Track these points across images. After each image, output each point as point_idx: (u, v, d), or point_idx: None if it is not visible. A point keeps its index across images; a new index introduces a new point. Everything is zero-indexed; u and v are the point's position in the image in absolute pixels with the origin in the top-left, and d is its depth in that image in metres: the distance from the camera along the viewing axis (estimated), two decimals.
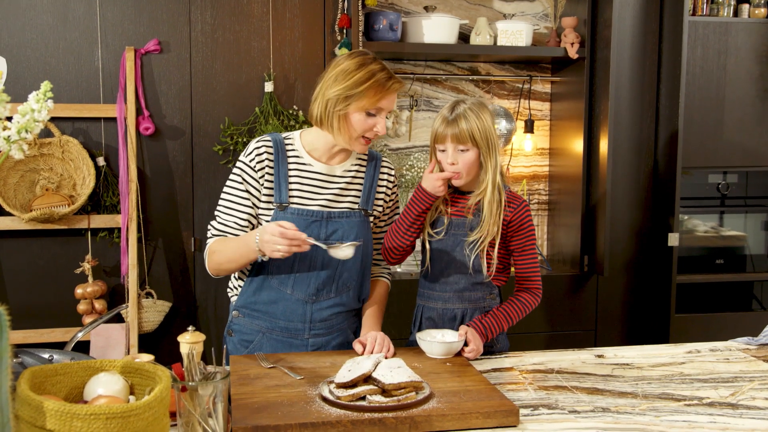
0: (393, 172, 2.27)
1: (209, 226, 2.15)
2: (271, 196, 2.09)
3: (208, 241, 2.14)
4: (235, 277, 2.20)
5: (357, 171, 2.18)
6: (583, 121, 3.54)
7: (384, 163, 2.25)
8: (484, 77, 3.78)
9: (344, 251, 1.98)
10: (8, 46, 3.08)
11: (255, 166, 2.08)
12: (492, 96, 3.82)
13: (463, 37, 3.63)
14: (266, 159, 2.09)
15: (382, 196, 2.23)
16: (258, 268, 2.12)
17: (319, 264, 2.10)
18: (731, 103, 3.61)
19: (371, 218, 2.20)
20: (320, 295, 2.12)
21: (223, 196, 2.13)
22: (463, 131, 2.06)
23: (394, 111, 3.64)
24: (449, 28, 3.45)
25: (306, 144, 2.14)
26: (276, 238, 1.87)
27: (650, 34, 3.60)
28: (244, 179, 2.09)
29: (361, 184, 2.18)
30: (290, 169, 2.11)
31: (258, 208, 2.11)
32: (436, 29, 3.42)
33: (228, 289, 2.23)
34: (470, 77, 3.77)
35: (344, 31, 3.29)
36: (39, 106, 1.42)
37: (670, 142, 3.56)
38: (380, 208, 2.23)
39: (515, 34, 3.51)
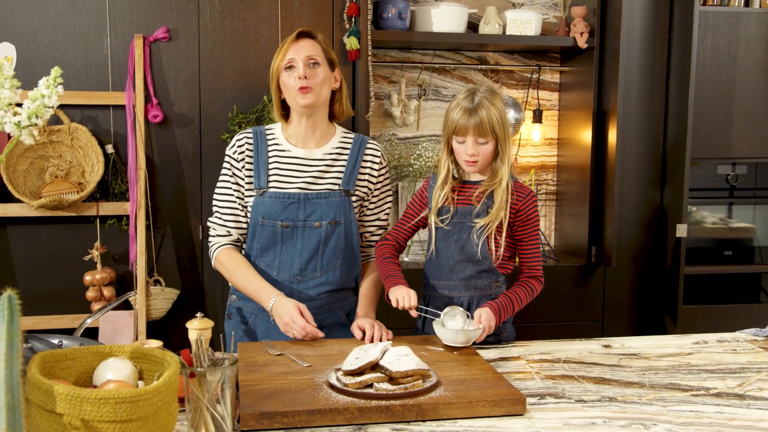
0: (379, 154, 2.32)
1: (209, 223, 2.31)
2: (252, 183, 2.23)
3: (213, 238, 2.29)
4: None
5: (339, 153, 2.26)
6: (592, 112, 3.53)
7: (369, 145, 2.31)
8: (492, 67, 3.77)
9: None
10: (18, 33, 3.08)
11: (237, 157, 2.24)
12: (500, 85, 3.81)
13: (472, 26, 3.61)
14: (246, 149, 2.24)
15: (366, 176, 2.28)
16: (246, 254, 2.24)
17: (300, 245, 2.18)
18: (741, 93, 3.58)
19: (355, 198, 2.26)
20: (305, 275, 2.20)
21: (217, 191, 2.29)
22: (485, 124, 2.07)
23: (402, 100, 3.64)
24: (458, 17, 3.43)
25: (285, 132, 2.29)
26: (292, 326, 2.02)
27: (660, 23, 3.58)
28: (233, 173, 2.25)
29: (343, 165, 2.25)
30: (270, 156, 2.24)
31: (244, 196, 2.24)
32: (445, 18, 3.41)
33: None
34: (479, 66, 3.75)
35: (353, 19, 3.28)
36: (49, 91, 1.43)
37: (679, 133, 3.54)
38: (365, 189, 2.29)
39: (524, 23, 3.49)
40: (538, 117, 3.76)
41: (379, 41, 3.38)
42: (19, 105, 1.48)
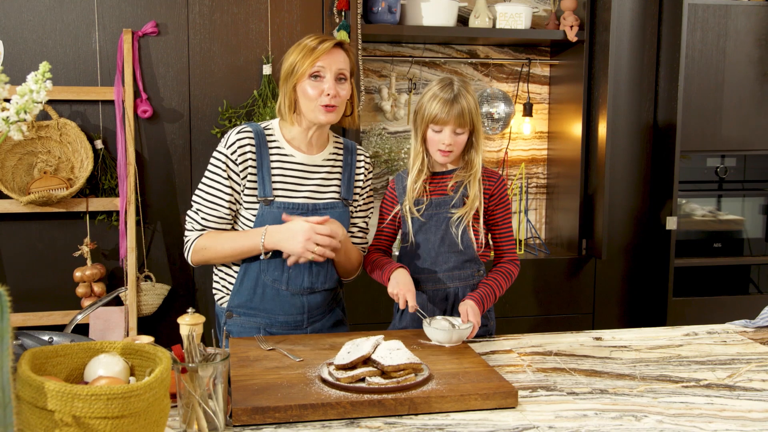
0: (369, 161, 2.27)
1: (187, 218, 2.13)
2: (255, 189, 2.07)
3: (189, 233, 2.12)
4: (219, 277, 2.19)
5: (335, 159, 2.17)
6: (582, 105, 3.54)
7: (359, 151, 2.25)
8: (482, 60, 3.77)
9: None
10: (5, 27, 3.06)
11: (237, 159, 2.06)
12: (491, 79, 3.81)
13: (462, 19, 3.61)
14: (249, 152, 2.06)
15: (359, 183, 2.22)
16: (246, 268, 2.10)
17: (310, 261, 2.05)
18: (730, 86, 3.60)
19: (351, 208, 2.21)
20: (315, 288, 2.13)
21: (203, 188, 2.10)
22: (465, 115, 2.09)
23: (392, 94, 3.63)
24: (448, 11, 3.43)
25: (286, 134, 2.13)
26: (309, 240, 1.95)
27: (650, 17, 3.59)
28: (229, 175, 2.07)
29: (340, 173, 2.17)
30: (272, 161, 2.09)
31: (241, 203, 2.09)
32: (435, 12, 3.40)
33: (214, 291, 2.21)
34: (469, 60, 3.75)
35: (343, 13, 3.27)
36: (38, 86, 1.42)
37: (668, 126, 3.55)
38: (357, 197, 2.23)
39: (514, 16, 3.49)
40: (528, 110, 3.77)
41: (369, 35, 3.37)
42: (7, 100, 1.47)
